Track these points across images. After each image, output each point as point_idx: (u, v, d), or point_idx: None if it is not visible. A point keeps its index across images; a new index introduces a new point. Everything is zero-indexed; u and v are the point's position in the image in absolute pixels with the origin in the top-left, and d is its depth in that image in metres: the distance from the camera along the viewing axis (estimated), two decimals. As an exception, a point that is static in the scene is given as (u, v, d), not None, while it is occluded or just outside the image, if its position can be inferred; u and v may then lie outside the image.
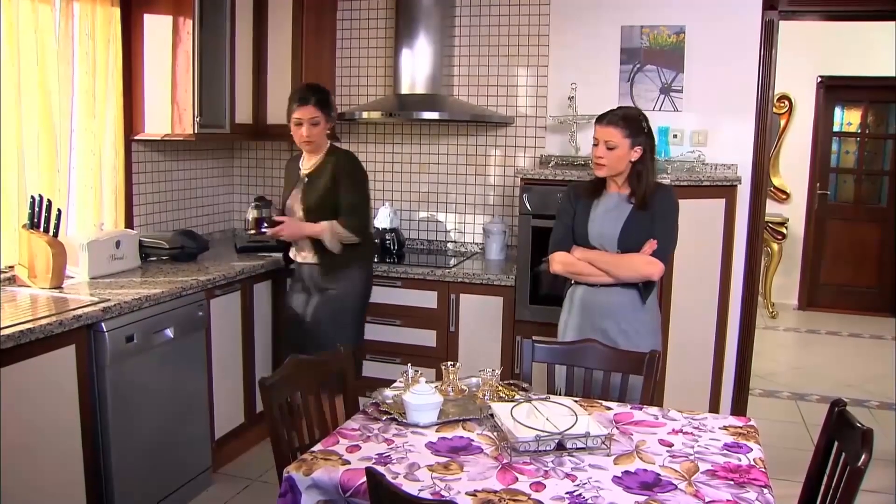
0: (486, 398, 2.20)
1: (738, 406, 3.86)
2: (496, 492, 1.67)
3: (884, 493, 3.34)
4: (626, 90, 3.86)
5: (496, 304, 3.57)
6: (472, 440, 1.97)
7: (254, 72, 3.94)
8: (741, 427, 2.10)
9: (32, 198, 2.96)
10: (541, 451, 1.86)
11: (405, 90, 3.90)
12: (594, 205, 2.74)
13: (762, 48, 3.70)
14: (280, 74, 3.95)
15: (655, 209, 2.66)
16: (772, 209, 6.24)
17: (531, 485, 1.71)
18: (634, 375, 2.46)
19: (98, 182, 3.44)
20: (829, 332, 6.42)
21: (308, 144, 3.09)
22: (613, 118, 2.66)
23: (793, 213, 7.07)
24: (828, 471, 1.89)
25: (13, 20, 2.92)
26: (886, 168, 7.02)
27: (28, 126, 3.05)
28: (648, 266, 2.63)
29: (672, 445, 1.96)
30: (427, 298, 3.66)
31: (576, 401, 2.20)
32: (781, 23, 3.76)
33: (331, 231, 3.05)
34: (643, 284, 2.68)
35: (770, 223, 6.50)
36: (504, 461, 1.84)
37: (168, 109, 3.54)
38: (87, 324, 2.59)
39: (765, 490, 1.71)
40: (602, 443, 1.90)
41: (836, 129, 7.12)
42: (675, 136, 3.81)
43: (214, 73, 3.62)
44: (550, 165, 3.76)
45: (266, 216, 3.11)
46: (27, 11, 2.98)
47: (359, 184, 3.14)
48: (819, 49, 6.61)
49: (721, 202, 3.52)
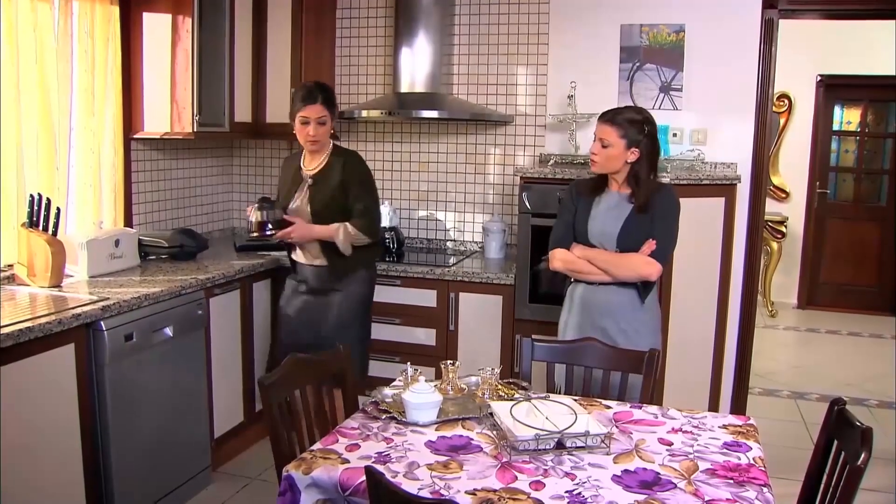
0: (486, 397, 2.19)
1: (738, 405, 3.86)
2: (495, 490, 1.67)
3: (883, 492, 3.34)
4: (626, 89, 3.85)
5: (496, 303, 3.56)
6: (472, 439, 1.97)
7: (253, 70, 3.94)
8: (741, 426, 2.10)
9: (31, 196, 2.95)
10: (540, 450, 1.86)
11: (405, 89, 3.90)
12: (595, 202, 2.74)
13: (762, 47, 3.70)
14: (279, 73, 3.95)
15: (655, 209, 2.65)
16: (771, 208, 6.25)
17: (530, 483, 1.71)
18: (634, 374, 2.46)
19: (97, 180, 3.44)
20: (829, 331, 6.42)
21: (314, 144, 3.02)
22: (612, 117, 2.66)
23: (792, 212, 7.06)
24: (827, 469, 1.89)
25: (12, 18, 2.92)
26: (886, 167, 7.01)
27: (27, 124, 3.05)
28: (646, 266, 2.62)
29: (672, 444, 1.95)
30: (426, 297, 3.65)
31: (575, 399, 2.19)
32: (781, 21, 3.76)
33: (344, 233, 3.00)
34: (642, 284, 2.67)
35: (769, 222, 6.49)
36: (503, 460, 1.83)
37: (167, 108, 3.54)
38: (87, 322, 2.59)
39: (764, 489, 1.71)
40: (601, 442, 1.90)
41: (836, 128, 7.12)
42: (675, 135, 3.81)
43: (214, 72, 3.61)
44: (550, 164, 3.76)
45: (271, 218, 3.00)
46: (26, 10, 2.98)
47: (369, 185, 3.11)
48: (819, 48, 6.60)
49: (720, 201, 3.51)
